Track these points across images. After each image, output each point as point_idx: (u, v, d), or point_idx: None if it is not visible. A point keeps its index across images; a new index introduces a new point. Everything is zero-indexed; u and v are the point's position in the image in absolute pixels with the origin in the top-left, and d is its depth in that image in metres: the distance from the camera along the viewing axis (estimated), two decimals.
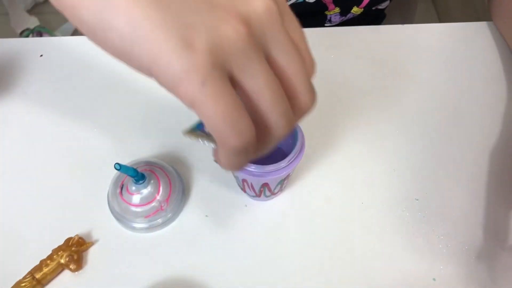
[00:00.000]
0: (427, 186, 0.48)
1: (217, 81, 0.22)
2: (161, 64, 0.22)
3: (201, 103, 0.22)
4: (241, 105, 0.23)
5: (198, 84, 0.21)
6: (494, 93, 0.55)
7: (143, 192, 0.44)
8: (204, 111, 0.22)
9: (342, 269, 0.43)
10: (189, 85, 0.21)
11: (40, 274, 0.42)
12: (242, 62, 0.23)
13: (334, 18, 0.65)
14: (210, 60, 0.21)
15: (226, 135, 0.23)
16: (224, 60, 0.22)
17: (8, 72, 0.57)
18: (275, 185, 0.43)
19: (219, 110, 0.22)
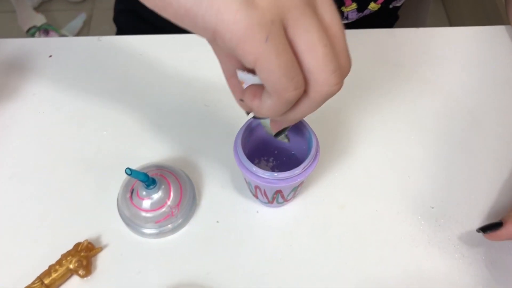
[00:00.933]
0: (443, 194, 0.47)
1: (278, 36, 0.23)
2: (227, 22, 0.23)
3: (264, 58, 0.23)
4: (296, 60, 0.24)
5: (262, 40, 0.23)
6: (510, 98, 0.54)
7: (154, 197, 0.43)
8: (267, 65, 0.24)
9: (356, 277, 0.43)
10: (254, 41, 0.23)
11: (49, 279, 0.41)
12: (297, 17, 0.24)
13: (351, 15, 0.64)
14: (271, 17, 0.23)
15: (285, 86, 0.24)
16: (282, 15, 0.23)
17: (17, 72, 0.56)
18: (288, 192, 0.43)
19: (282, 63, 0.24)
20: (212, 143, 0.50)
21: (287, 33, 0.24)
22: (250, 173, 0.39)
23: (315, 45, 0.24)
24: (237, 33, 0.23)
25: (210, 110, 0.53)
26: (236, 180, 0.48)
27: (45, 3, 1.74)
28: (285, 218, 0.46)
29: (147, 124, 0.52)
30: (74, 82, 0.56)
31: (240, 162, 0.40)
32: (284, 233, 0.45)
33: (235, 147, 0.41)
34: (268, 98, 0.27)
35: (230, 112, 0.53)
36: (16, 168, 0.49)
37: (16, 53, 0.58)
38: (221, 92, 0.55)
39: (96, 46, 0.59)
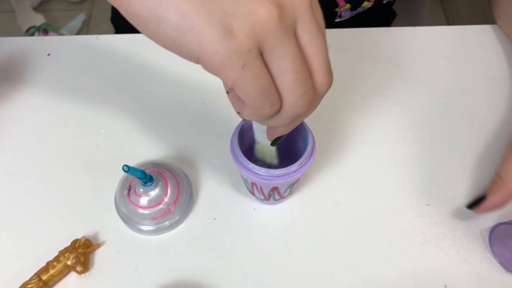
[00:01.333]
0: (438, 191, 0.47)
1: (254, 63, 0.25)
2: (207, 52, 0.24)
3: (241, 82, 0.25)
4: (272, 82, 0.26)
5: (239, 67, 0.25)
6: (507, 96, 0.54)
7: (151, 194, 0.43)
8: (244, 88, 0.26)
9: (352, 275, 0.43)
10: (232, 68, 0.25)
11: (47, 275, 0.41)
12: (272, 45, 0.25)
13: (344, 14, 0.65)
14: (247, 46, 0.24)
15: (260, 105, 0.27)
16: (259, 43, 0.25)
17: (15, 71, 0.57)
18: (284, 189, 0.43)
19: (257, 86, 0.26)
20: (209, 141, 0.51)
21: (263, 57, 0.26)
22: (247, 169, 0.40)
23: (286, 71, 0.26)
24: (217, 62, 0.25)
25: (207, 108, 0.53)
26: (233, 178, 0.48)
27: (44, 3, 1.74)
28: (281, 215, 0.46)
29: (144, 122, 0.52)
30: (72, 80, 0.56)
31: (236, 158, 0.40)
32: (281, 230, 0.45)
33: (232, 144, 0.41)
34: (247, 108, 0.29)
35: (227, 110, 0.53)
36: (14, 166, 0.49)
37: (14, 51, 0.58)
38: (218, 91, 0.54)
39: (94, 45, 0.59)
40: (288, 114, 0.28)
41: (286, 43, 0.25)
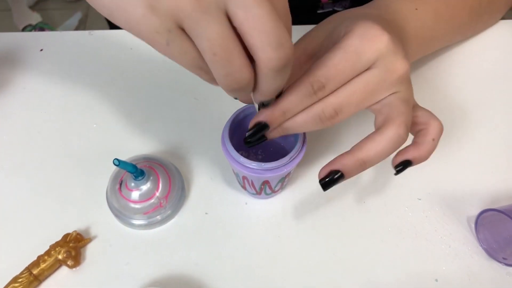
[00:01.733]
0: (430, 186, 0.47)
1: (177, 41, 0.26)
2: (134, 28, 0.27)
3: (171, 57, 0.28)
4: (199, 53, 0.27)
5: (164, 44, 0.27)
6: (498, 92, 0.54)
7: (142, 189, 0.43)
8: (176, 61, 0.28)
9: (343, 269, 0.43)
10: (158, 45, 0.27)
11: (38, 269, 0.41)
12: (189, 25, 0.26)
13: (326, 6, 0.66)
14: (167, 25, 0.26)
15: (198, 75, 0.30)
16: (178, 22, 0.26)
17: (7, 66, 0.57)
18: (275, 183, 0.43)
19: (185, 61, 0.28)
20: (201, 136, 0.51)
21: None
22: (237, 163, 0.40)
23: (204, 52, 0.26)
24: (144, 37, 0.27)
25: (199, 103, 0.53)
26: (225, 172, 0.48)
27: (40, 2, 1.74)
28: (273, 210, 0.46)
29: (136, 117, 0.52)
30: (64, 75, 0.56)
31: (227, 152, 0.40)
32: (272, 225, 0.45)
33: (223, 138, 0.41)
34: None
35: (219, 106, 0.53)
36: (5, 161, 0.49)
37: (6, 46, 0.58)
38: (210, 86, 0.55)
39: (87, 40, 0.59)
40: (226, 89, 0.29)
41: (203, 25, 0.25)
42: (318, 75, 0.32)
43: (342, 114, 0.33)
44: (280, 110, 0.33)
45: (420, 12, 0.44)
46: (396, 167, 0.35)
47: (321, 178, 0.35)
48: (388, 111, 0.33)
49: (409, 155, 0.35)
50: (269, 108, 0.33)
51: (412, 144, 0.36)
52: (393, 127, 0.33)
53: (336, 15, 0.39)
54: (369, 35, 0.32)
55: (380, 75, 0.32)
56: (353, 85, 0.32)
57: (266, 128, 0.34)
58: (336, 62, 0.32)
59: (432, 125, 0.36)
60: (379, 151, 0.33)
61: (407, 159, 0.35)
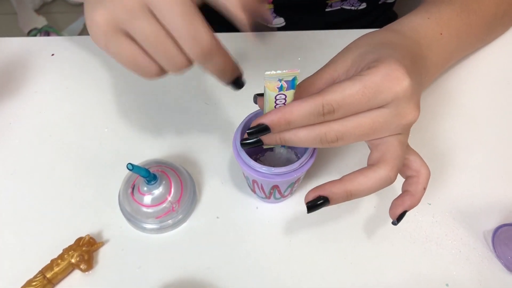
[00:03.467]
0: (440, 190, 0.48)
1: (115, 42, 0.33)
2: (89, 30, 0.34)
3: (112, 56, 0.34)
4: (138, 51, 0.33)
5: (104, 46, 0.33)
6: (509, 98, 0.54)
7: (155, 193, 0.44)
8: (116, 60, 0.34)
9: (354, 273, 0.43)
10: (99, 45, 0.34)
11: (51, 273, 0.42)
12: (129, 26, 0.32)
13: (335, 4, 0.66)
14: (106, 29, 0.32)
15: (137, 72, 0.35)
16: (118, 25, 0.32)
17: (18, 71, 0.57)
18: (285, 188, 0.43)
19: (123, 60, 0.34)
20: (211, 140, 0.51)
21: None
22: (248, 167, 0.40)
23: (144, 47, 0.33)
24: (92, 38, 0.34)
25: (210, 108, 0.54)
26: (235, 177, 0.49)
27: (46, 5, 1.75)
28: (284, 214, 0.46)
29: (147, 121, 0.53)
30: (75, 80, 0.56)
31: (238, 156, 0.41)
32: (284, 229, 0.46)
33: (234, 141, 0.41)
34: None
35: (229, 110, 0.53)
36: (18, 164, 0.50)
37: (17, 52, 0.59)
38: (221, 90, 0.55)
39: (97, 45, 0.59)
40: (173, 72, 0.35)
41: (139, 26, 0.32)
42: (331, 100, 0.32)
43: (341, 141, 0.34)
44: (286, 119, 0.34)
45: (444, 38, 0.45)
46: (398, 219, 0.38)
47: (309, 200, 0.36)
48: (385, 151, 0.35)
49: (407, 206, 0.37)
50: (274, 113, 0.34)
51: (407, 195, 0.38)
52: (386, 169, 0.34)
53: (363, 39, 0.39)
54: (392, 77, 0.32)
55: (389, 117, 0.33)
56: (361, 119, 0.33)
57: (267, 131, 0.34)
58: (353, 93, 0.32)
59: (423, 174, 0.38)
60: (367, 187, 0.34)
61: (406, 210, 0.37)
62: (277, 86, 0.34)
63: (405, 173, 0.39)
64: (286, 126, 0.34)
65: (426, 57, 0.42)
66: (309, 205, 0.36)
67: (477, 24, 0.49)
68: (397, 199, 0.38)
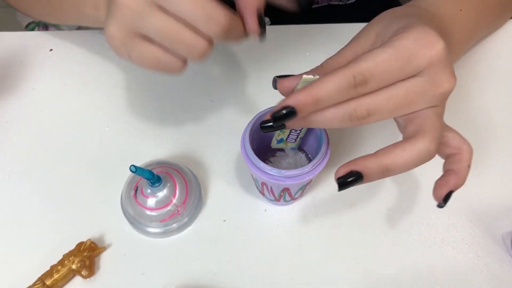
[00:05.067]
0: (456, 192, 0.45)
1: (134, 47, 0.34)
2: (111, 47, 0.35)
3: (137, 64, 0.35)
4: (158, 50, 0.34)
5: (127, 57, 0.35)
6: None
7: (159, 195, 0.42)
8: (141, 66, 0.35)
9: (367, 278, 0.41)
10: (124, 57, 0.35)
11: (51, 280, 0.40)
12: (142, 27, 0.33)
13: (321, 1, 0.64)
14: (122, 37, 0.33)
15: (163, 71, 0.36)
16: (132, 30, 0.33)
17: (16, 66, 0.55)
18: (296, 190, 0.41)
19: (147, 62, 0.35)
20: (217, 140, 0.49)
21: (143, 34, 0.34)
22: (257, 169, 0.38)
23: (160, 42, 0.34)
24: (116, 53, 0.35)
25: (215, 105, 0.52)
26: (242, 178, 0.47)
27: None
28: (294, 217, 0.45)
29: (150, 119, 0.51)
30: (74, 76, 0.54)
31: (247, 157, 0.39)
32: (293, 233, 0.44)
33: (243, 142, 0.40)
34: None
35: (235, 108, 0.51)
36: (15, 165, 0.48)
37: (15, 46, 0.57)
38: (226, 87, 0.53)
39: (97, 40, 0.57)
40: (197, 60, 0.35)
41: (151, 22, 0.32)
42: (363, 68, 0.29)
43: (373, 117, 0.31)
44: (314, 98, 0.30)
45: (464, 14, 0.42)
46: (444, 200, 0.35)
47: (339, 176, 0.32)
48: (422, 123, 0.31)
49: (452, 185, 0.34)
50: (301, 93, 0.30)
51: (451, 174, 0.34)
52: (425, 141, 0.31)
53: (386, 14, 0.37)
54: (425, 40, 0.30)
55: (425, 86, 0.30)
56: (394, 89, 0.30)
57: (293, 115, 0.31)
58: (385, 59, 0.29)
59: (466, 150, 0.35)
60: (405, 161, 0.31)
61: (451, 190, 0.34)
62: None
63: (444, 152, 0.35)
64: (315, 106, 0.30)
65: (450, 33, 0.39)
66: (340, 182, 0.32)
67: (493, 2, 0.47)
68: (440, 180, 0.35)
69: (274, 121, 0.31)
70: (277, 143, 0.42)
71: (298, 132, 0.40)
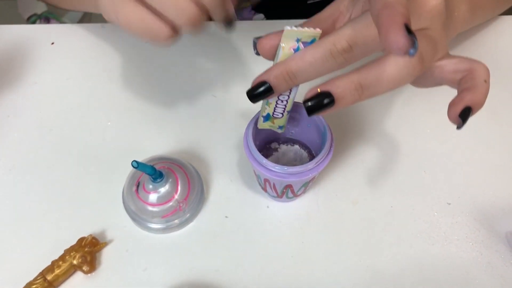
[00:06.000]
0: (460, 190, 0.45)
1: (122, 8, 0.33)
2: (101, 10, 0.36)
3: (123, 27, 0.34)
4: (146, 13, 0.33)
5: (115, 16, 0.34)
6: None
7: (161, 191, 0.41)
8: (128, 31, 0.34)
9: (370, 275, 0.41)
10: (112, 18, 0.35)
11: (52, 275, 0.40)
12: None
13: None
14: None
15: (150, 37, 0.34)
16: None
17: (17, 60, 0.55)
18: (299, 187, 0.41)
19: (133, 25, 0.34)
20: (219, 135, 0.49)
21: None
22: (260, 165, 0.38)
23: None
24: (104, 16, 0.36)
25: (217, 101, 0.51)
26: (245, 174, 0.46)
27: None
28: (296, 214, 0.44)
29: (152, 114, 0.50)
30: (76, 70, 0.54)
31: (250, 154, 0.39)
32: (296, 229, 0.43)
33: (245, 138, 0.39)
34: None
35: (238, 103, 0.51)
36: (16, 160, 0.48)
37: (16, 39, 0.56)
38: (229, 82, 0.53)
39: (99, 34, 0.57)
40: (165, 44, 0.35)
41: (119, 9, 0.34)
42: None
43: (356, 47, 0.28)
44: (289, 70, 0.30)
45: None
46: (460, 117, 0.30)
47: (306, 99, 0.29)
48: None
49: (467, 100, 0.30)
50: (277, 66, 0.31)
51: (464, 90, 0.30)
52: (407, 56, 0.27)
53: None
54: None
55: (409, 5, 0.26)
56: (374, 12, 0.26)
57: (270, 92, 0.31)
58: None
59: (478, 67, 0.31)
60: (381, 75, 0.28)
61: (467, 105, 0.30)
62: (293, 47, 0.30)
63: (454, 78, 0.31)
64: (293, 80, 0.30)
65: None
66: (308, 107, 0.29)
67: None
68: (454, 99, 0.30)
69: (251, 98, 0.32)
70: (264, 121, 0.38)
71: (285, 102, 0.35)
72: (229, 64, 0.55)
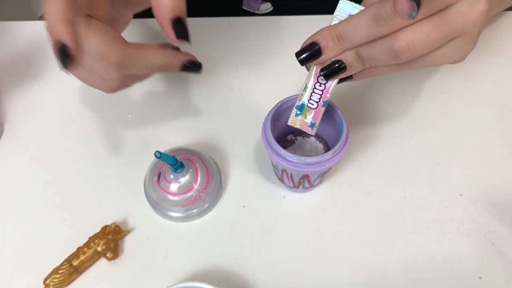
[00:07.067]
0: (471, 181, 0.46)
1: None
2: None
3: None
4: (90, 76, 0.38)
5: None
6: None
7: (181, 181, 0.43)
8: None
9: (384, 265, 0.42)
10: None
11: (77, 261, 0.41)
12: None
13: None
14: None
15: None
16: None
17: (38, 56, 0.56)
18: (315, 178, 0.42)
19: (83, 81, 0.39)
20: (236, 128, 0.50)
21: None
22: (278, 156, 0.39)
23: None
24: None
25: (234, 95, 0.53)
26: (261, 165, 0.48)
27: None
28: (312, 204, 0.45)
29: (171, 108, 0.52)
30: None
31: (268, 144, 0.40)
32: (311, 219, 0.45)
33: (264, 129, 0.40)
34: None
35: (254, 96, 0.52)
36: (40, 152, 0.49)
37: (37, 36, 0.58)
38: (245, 76, 0.54)
39: None
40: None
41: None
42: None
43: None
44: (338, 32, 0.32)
45: None
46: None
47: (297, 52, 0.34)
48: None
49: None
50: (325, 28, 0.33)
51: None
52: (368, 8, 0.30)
53: None
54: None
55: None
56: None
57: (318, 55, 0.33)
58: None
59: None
60: (355, 22, 0.31)
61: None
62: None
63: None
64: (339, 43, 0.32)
65: None
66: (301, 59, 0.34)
67: None
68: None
69: (301, 60, 0.34)
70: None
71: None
72: (245, 59, 0.56)
